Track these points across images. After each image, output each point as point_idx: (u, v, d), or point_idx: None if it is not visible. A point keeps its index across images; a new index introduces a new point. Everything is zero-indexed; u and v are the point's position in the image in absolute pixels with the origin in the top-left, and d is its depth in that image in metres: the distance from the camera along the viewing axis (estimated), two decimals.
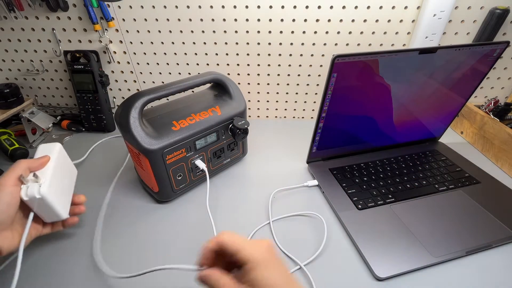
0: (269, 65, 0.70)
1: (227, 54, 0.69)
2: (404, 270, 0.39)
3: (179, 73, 0.73)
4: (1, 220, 0.32)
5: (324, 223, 0.47)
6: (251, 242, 0.28)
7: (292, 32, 0.64)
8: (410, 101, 0.55)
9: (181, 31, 0.65)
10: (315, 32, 0.64)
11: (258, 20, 0.63)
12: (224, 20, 0.63)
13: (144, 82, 0.75)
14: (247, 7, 0.61)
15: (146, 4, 0.62)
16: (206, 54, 0.69)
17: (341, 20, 0.62)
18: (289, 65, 0.69)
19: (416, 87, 0.53)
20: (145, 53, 0.69)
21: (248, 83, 0.73)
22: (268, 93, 0.75)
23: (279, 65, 0.69)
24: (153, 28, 0.65)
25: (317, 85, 0.73)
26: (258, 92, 0.75)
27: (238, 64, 0.70)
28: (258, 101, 0.77)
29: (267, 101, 0.77)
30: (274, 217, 0.49)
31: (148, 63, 0.71)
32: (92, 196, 0.54)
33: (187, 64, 0.71)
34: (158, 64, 0.71)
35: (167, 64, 0.71)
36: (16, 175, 0.34)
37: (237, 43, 0.66)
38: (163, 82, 0.74)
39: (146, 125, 0.45)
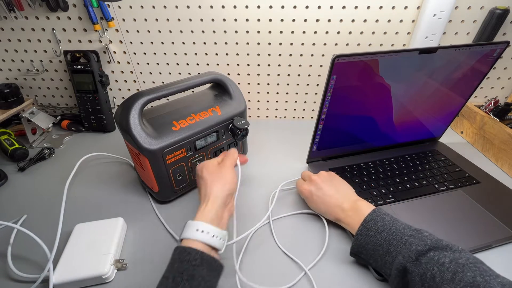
0: (269, 65, 0.70)
1: (227, 54, 0.68)
2: None
3: (179, 73, 0.73)
4: (234, 189, 0.41)
5: (325, 223, 0.47)
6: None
7: (292, 32, 0.64)
8: (410, 101, 0.55)
9: (181, 31, 0.65)
10: (315, 32, 0.64)
11: (258, 20, 0.63)
12: (224, 20, 0.63)
13: (144, 82, 0.75)
14: (247, 7, 0.61)
15: (146, 4, 0.62)
16: (206, 54, 0.69)
17: (341, 20, 0.62)
18: (289, 65, 0.69)
19: (416, 87, 0.53)
20: (145, 53, 0.69)
21: (248, 83, 0.73)
22: (268, 93, 0.75)
23: (279, 65, 0.69)
24: (153, 28, 0.65)
25: (317, 85, 0.73)
26: (258, 92, 0.75)
27: (238, 64, 0.70)
28: (258, 101, 0.77)
29: (267, 101, 0.77)
30: (274, 216, 0.49)
31: (148, 63, 0.71)
32: (92, 196, 0.54)
33: (187, 64, 0.71)
34: (158, 64, 0.71)
35: (167, 64, 0.71)
36: (235, 161, 0.45)
37: (237, 43, 0.66)
38: (163, 82, 0.74)
39: (146, 125, 0.45)
